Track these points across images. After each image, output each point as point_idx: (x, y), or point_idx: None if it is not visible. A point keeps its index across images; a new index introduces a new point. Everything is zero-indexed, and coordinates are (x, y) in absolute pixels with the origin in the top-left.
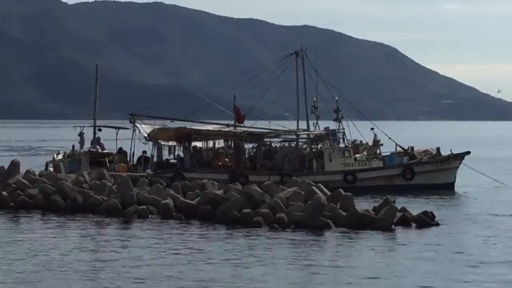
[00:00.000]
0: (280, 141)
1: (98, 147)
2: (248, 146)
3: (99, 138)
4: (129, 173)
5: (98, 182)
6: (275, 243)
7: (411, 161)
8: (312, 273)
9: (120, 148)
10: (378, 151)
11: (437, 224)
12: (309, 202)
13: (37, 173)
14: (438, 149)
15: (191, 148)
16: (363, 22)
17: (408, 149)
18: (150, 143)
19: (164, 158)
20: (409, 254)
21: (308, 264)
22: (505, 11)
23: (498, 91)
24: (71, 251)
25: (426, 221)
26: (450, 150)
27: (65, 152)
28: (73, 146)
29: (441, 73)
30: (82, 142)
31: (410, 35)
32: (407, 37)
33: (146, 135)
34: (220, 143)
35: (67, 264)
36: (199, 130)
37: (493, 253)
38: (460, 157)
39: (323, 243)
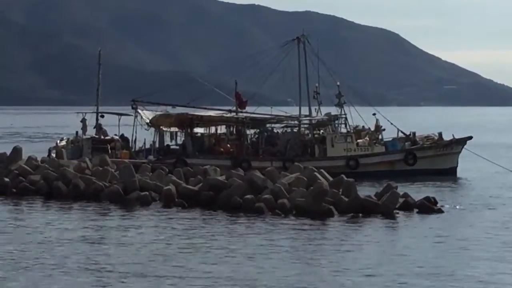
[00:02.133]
0: (282, 127)
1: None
2: (250, 132)
3: (100, 124)
4: (131, 160)
5: (100, 168)
6: (277, 229)
7: (413, 147)
8: (314, 259)
9: (122, 135)
10: (380, 137)
11: (439, 209)
12: (311, 188)
13: (39, 159)
14: (440, 134)
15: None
16: (365, 7)
17: (410, 134)
18: (152, 129)
19: (165, 144)
20: (411, 239)
21: (309, 250)
22: None
23: None
24: (73, 237)
25: (428, 206)
26: (452, 135)
27: (68, 139)
28: (77, 132)
29: (443, 58)
30: (84, 129)
31: (412, 21)
32: (409, 23)
33: (148, 121)
34: (222, 129)
35: (68, 251)
36: (201, 116)
37: (496, 237)
38: (462, 142)
39: (325, 229)
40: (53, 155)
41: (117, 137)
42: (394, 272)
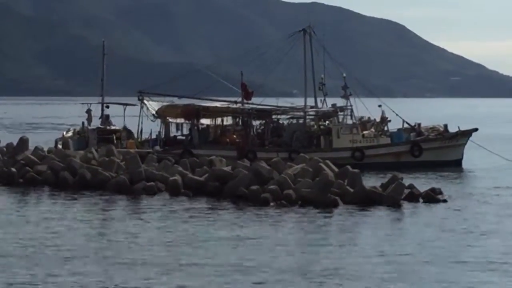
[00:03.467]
0: (288, 118)
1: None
2: (256, 123)
3: (108, 115)
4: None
5: (107, 159)
6: (283, 220)
7: (419, 138)
8: (319, 250)
9: (124, 126)
10: (385, 128)
11: (445, 201)
12: (317, 178)
13: (45, 149)
14: (445, 126)
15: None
16: None
17: (415, 125)
18: (158, 120)
19: (172, 135)
20: (416, 231)
21: (315, 240)
22: None
23: None
24: (79, 227)
25: (433, 197)
26: (458, 127)
27: (74, 129)
28: (83, 123)
29: (449, 50)
30: (89, 119)
31: (418, 12)
32: (415, 14)
33: (154, 112)
34: (228, 120)
35: (74, 241)
36: (207, 107)
37: (501, 229)
38: (467, 134)
39: (331, 219)
40: (60, 145)
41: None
42: (399, 261)
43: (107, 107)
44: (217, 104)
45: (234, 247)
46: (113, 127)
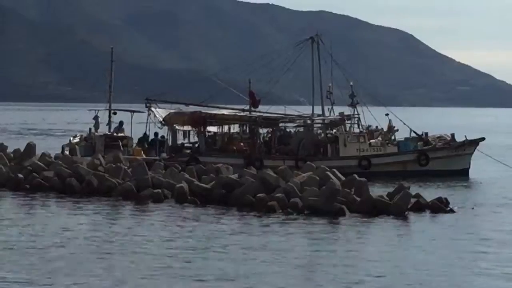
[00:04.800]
0: (295, 126)
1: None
2: (263, 131)
3: (122, 122)
4: (144, 157)
5: (114, 166)
6: (289, 228)
7: (426, 147)
8: (324, 260)
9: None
10: (393, 137)
11: (452, 211)
12: (324, 187)
13: (52, 156)
14: (452, 135)
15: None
16: (379, 7)
17: (422, 135)
18: (165, 127)
19: (179, 142)
20: (423, 241)
21: (320, 250)
22: None
23: None
24: (85, 234)
25: (440, 207)
26: (465, 136)
27: (81, 135)
28: (90, 130)
29: (456, 59)
30: (96, 126)
31: (426, 21)
32: (423, 23)
33: (161, 119)
34: (235, 128)
35: (80, 247)
36: (215, 114)
37: (509, 240)
38: (474, 143)
39: (337, 228)
40: (67, 152)
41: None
42: (405, 271)
43: (115, 113)
44: (224, 111)
45: (240, 255)
46: (121, 134)
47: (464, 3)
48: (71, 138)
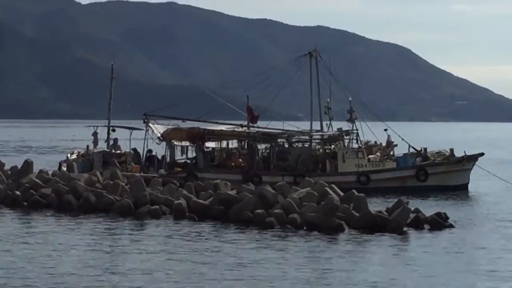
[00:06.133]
0: (294, 142)
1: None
2: (261, 146)
3: (116, 139)
4: (142, 174)
5: (111, 182)
6: (288, 244)
7: (424, 162)
8: (323, 276)
9: (135, 149)
10: (391, 152)
11: (451, 226)
12: (322, 203)
13: (50, 172)
14: (451, 150)
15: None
16: (377, 22)
17: (421, 150)
18: (163, 143)
19: (176, 158)
20: (422, 255)
21: (319, 266)
22: None
23: None
24: (84, 251)
25: (439, 222)
26: (464, 151)
27: (79, 152)
28: (87, 146)
29: (455, 74)
30: (95, 142)
31: (424, 36)
32: (421, 38)
33: (159, 135)
34: (233, 144)
35: (78, 264)
36: (213, 130)
37: (509, 256)
38: (473, 158)
39: (336, 244)
40: (64, 168)
41: (131, 152)
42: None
43: (113, 130)
44: (223, 127)
45: (238, 271)
46: (117, 152)
47: (461, 18)
48: (68, 155)
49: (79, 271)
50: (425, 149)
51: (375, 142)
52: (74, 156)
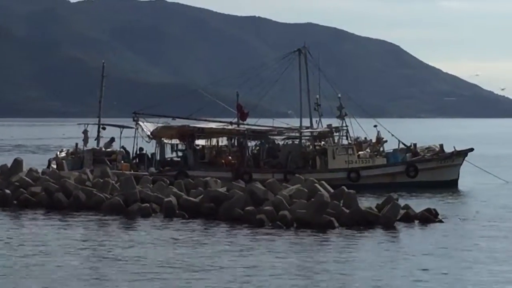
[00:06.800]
0: (283, 139)
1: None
2: (251, 144)
3: (113, 138)
4: (132, 172)
5: (101, 180)
6: (278, 241)
7: (414, 158)
8: (314, 272)
9: (123, 147)
10: (381, 149)
11: (441, 221)
12: (312, 199)
13: (40, 171)
14: (441, 146)
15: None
16: (366, 19)
17: (411, 146)
18: (153, 141)
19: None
20: (412, 252)
21: (310, 262)
22: (507, 8)
23: (502, 89)
24: (74, 249)
25: (429, 218)
26: (454, 147)
27: (68, 150)
28: (76, 144)
29: (444, 70)
30: (85, 140)
31: (413, 33)
32: (410, 35)
33: (149, 133)
34: (223, 141)
35: (69, 262)
36: (203, 128)
37: (498, 251)
38: (463, 154)
39: (326, 241)
40: (54, 166)
41: (122, 150)
42: (395, 283)
43: (104, 128)
44: (212, 125)
45: (230, 269)
46: (108, 149)
47: (450, 14)
48: (58, 153)
49: (68, 270)
50: (415, 144)
51: (365, 138)
52: (63, 154)
